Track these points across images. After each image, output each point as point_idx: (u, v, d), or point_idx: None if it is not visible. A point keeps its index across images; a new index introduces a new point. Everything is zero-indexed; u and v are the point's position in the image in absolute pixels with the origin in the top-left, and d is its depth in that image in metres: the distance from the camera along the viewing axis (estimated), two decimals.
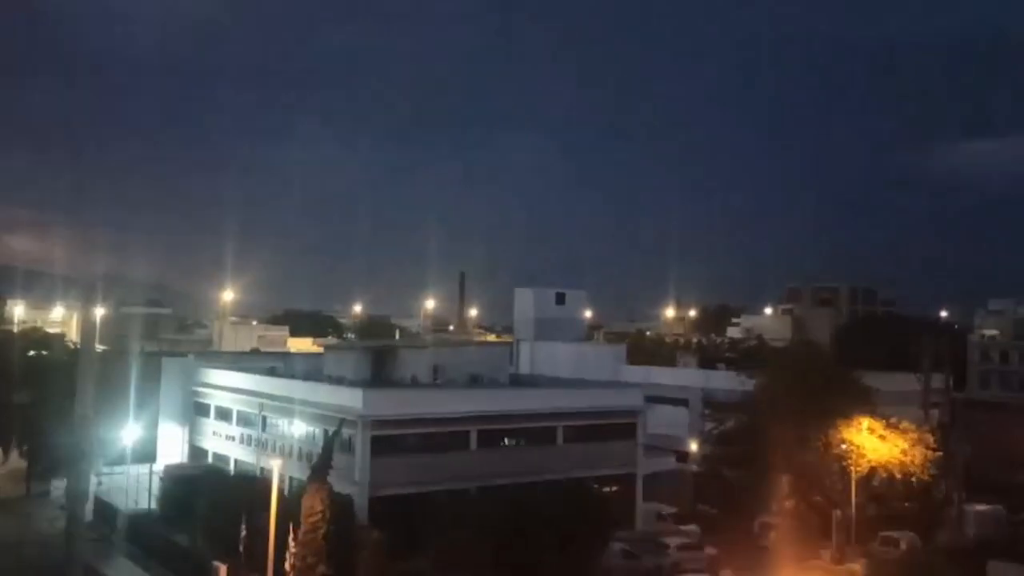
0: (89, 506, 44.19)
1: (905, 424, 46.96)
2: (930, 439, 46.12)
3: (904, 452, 44.88)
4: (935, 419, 51.98)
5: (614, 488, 47.43)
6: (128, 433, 50.30)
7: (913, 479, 45.04)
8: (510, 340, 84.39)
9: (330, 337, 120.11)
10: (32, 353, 63.31)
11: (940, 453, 45.80)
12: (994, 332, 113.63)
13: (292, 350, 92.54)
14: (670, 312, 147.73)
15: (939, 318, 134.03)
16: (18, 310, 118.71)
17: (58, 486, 53.51)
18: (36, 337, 70.20)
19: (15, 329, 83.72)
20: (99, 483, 49.89)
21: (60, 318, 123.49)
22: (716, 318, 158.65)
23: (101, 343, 61.89)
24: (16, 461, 57.81)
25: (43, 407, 53.00)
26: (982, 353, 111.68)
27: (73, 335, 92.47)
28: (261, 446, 49.22)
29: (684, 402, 61.23)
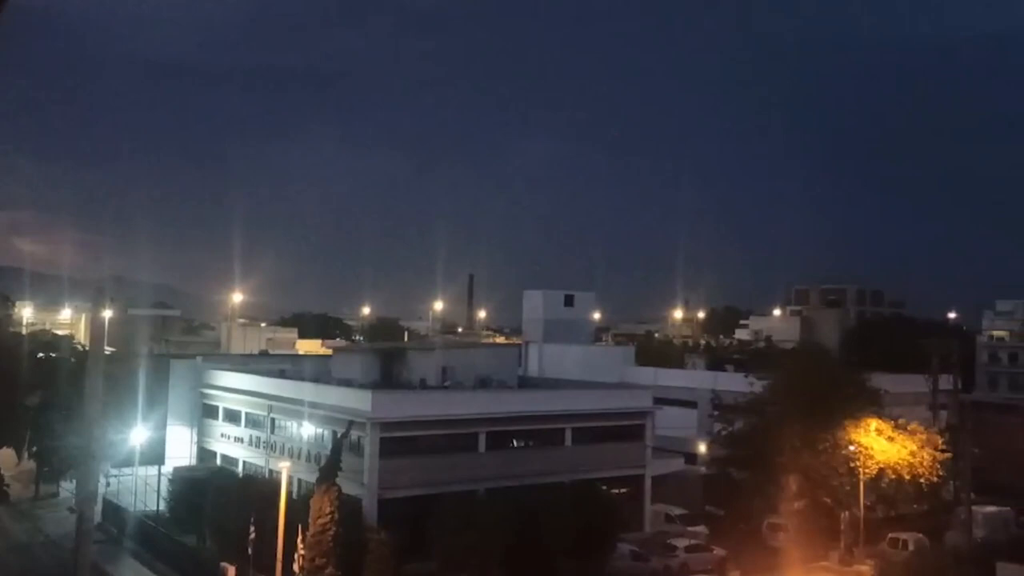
0: (98, 508, 44.34)
1: (913, 426, 46.85)
2: (938, 441, 45.98)
3: (912, 454, 44.74)
4: (943, 421, 51.82)
5: (623, 489, 47.41)
6: (136, 435, 50.44)
7: (921, 480, 44.90)
8: (519, 342, 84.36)
9: (338, 339, 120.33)
10: (40, 355, 63.39)
11: (948, 455, 45.63)
12: (1002, 333, 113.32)
13: (301, 352, 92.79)
14: (678, 314, 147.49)
15: (947, 319, 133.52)
16: (26, 312, 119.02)
17: (67, 488, 53.72)
18: (44, 339, 70.18)
19: (23, 331, 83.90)
20: (107, 485, 50.04)
21: (68, 320, 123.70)
22: (724, 320, 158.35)
23: (109, 345, 62.05)
24: (25, 463, 58.00)
25: (51, 409, 53.16)
26: (990, 354, 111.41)
27: (81, 337, 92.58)
28: (269, 448, 49.30)
29: (693, 404, 61.15)
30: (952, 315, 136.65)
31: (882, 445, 44.76)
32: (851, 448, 44.87)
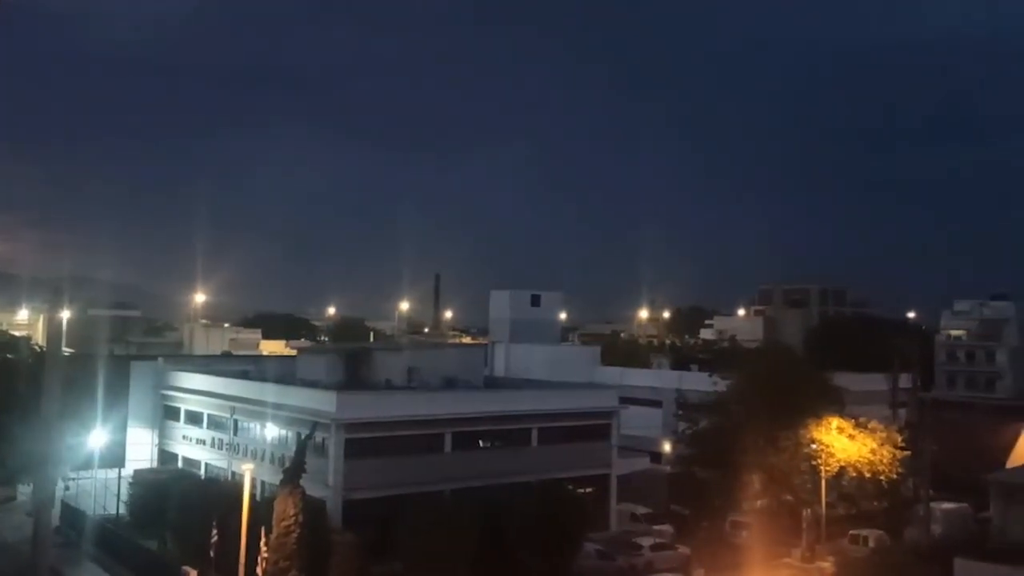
0: (56, 512, 43.47)
1: (874, 424, 47.43)
2: (898, 438, 46.62)
3: (873, 451, 45.33)
4: (903, 419, 52.61)
5: (588, 489, 47.50)
6: (96, 437, 49.54)
7: (882, 478, 45.49)
8: (485, 342, 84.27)
9: (303, 340, 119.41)
10: None
11: (908, 452, 46.34)
12: (960, 333, 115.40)
13: (264, 353, 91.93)
14: (644, 314, 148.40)
15: (907, 319, 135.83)
16: None
17: (24, 491, 52.65)
18: (1, 340, 68.70)
19: None
20: (66, 488, 49.09)
21: (26, 320, 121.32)
22: (689, 319, 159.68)
23: (68, 346, 60.95)
24: None
25: (7, 411, 51.99)
26: (948, 353, 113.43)
27: (39, 338, 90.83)
28: (232, 450, 48.74)
29: (658, 403, 61.50)
30: (911, 315, 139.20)
31: (843, 443, 45.31)
32: (813, 446, 45.39)
